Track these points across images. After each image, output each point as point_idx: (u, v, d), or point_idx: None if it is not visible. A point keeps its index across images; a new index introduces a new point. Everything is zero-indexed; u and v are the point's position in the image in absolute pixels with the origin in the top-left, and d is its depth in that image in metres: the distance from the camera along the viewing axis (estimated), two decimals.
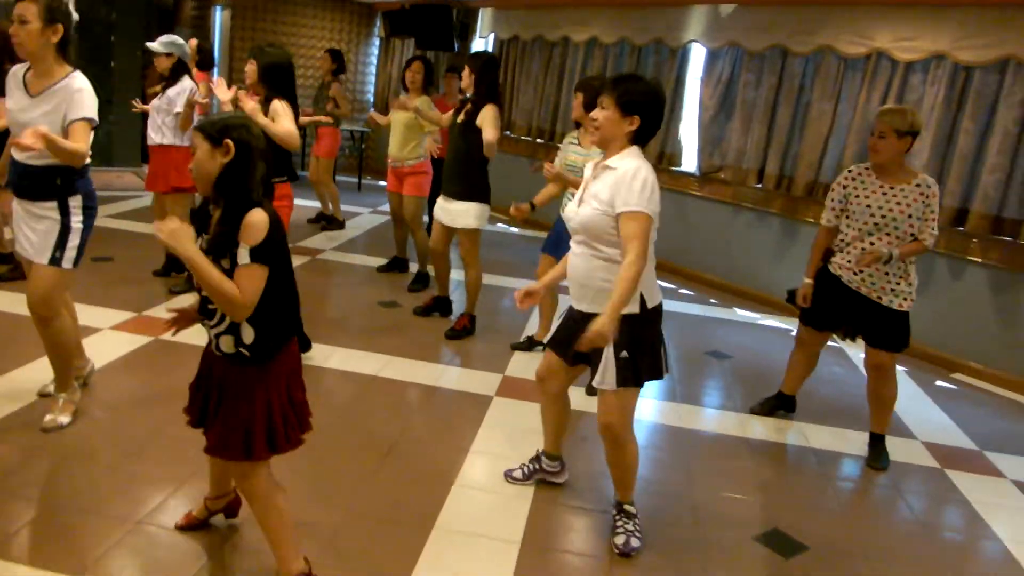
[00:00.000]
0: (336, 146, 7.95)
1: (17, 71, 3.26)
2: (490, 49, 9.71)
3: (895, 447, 4.11)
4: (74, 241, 3.30)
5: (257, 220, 2.13)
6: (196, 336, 4.59)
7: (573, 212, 2.85)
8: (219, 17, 11.06)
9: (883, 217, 3.70)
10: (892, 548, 3.23)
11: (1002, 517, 3.55)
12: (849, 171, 3.91)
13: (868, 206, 3.74)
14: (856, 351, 5.67)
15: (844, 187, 3.88)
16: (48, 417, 3.38)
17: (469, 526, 3.00)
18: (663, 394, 4.56)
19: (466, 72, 4.78)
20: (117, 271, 5.69)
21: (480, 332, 5.19)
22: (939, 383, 5.25)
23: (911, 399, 4.87)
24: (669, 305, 3.52)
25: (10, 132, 3.28)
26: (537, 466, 3.35)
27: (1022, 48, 5.06)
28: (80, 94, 3.17)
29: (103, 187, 8.31)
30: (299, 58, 10.95)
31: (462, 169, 4.89)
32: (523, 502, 3.21)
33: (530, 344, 5.01)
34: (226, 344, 2.26)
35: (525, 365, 4.70)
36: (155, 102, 5.28)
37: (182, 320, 2.46)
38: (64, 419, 3.40)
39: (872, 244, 3.75)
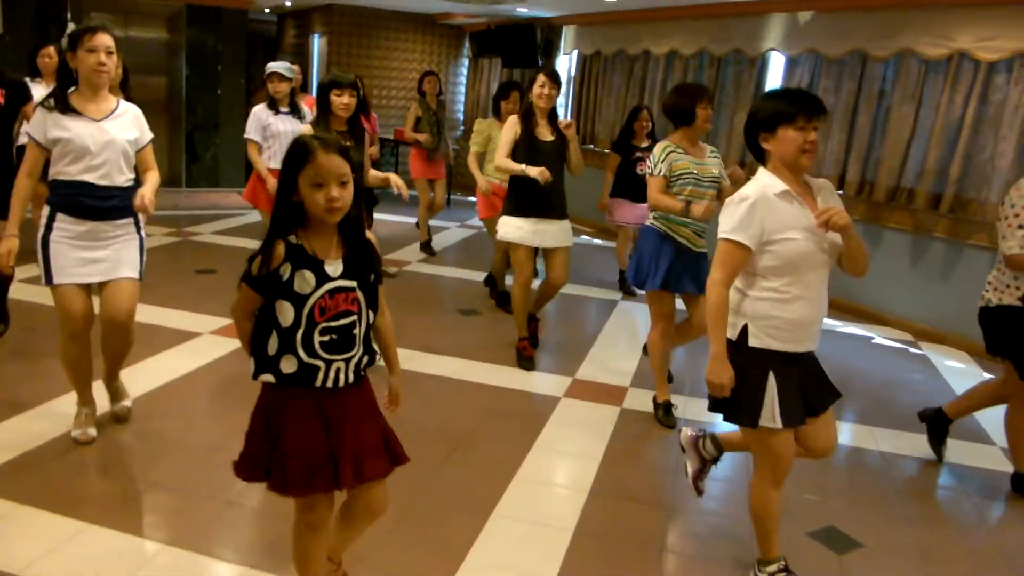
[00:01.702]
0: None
1: (50, 100, 3.25)
2: (573, 65, 9.92)
3: (970, 452, 4.05)
4: (144, 256, 3.49)
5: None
6: None
7: (821, 237, 2.56)
8: (317, 44, 11.68)
9: None
10: (951, 552, 3.21)
11: None
12: None
13: None
14: (939, 356, 5.57)
15: None
16: (118, 406, 3.71)
17: (525, 514, 3.17)
18: None
19: (551, 86, 4.62)
20: (219, 281, 6.12)
21: (553, 338, 5.35)
22: None
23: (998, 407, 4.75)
24: None
25: (68, 157, 3.25)
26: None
27: None
28: (143, 118, 3.46)
29: (211, 206, 8.99)
30: (392, 80, 11.44)
31: (562, 189, 4.78)
32: (580, 494, 3.35)
33: (667, 410, 4.26)
34: (357, 368, 2.20)
35: (594, 369, 4.85)
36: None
37: None
38: (129, 402, 3.75)
39: None
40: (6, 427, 3.52)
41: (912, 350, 5.69)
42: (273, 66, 5.46)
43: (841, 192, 6.65)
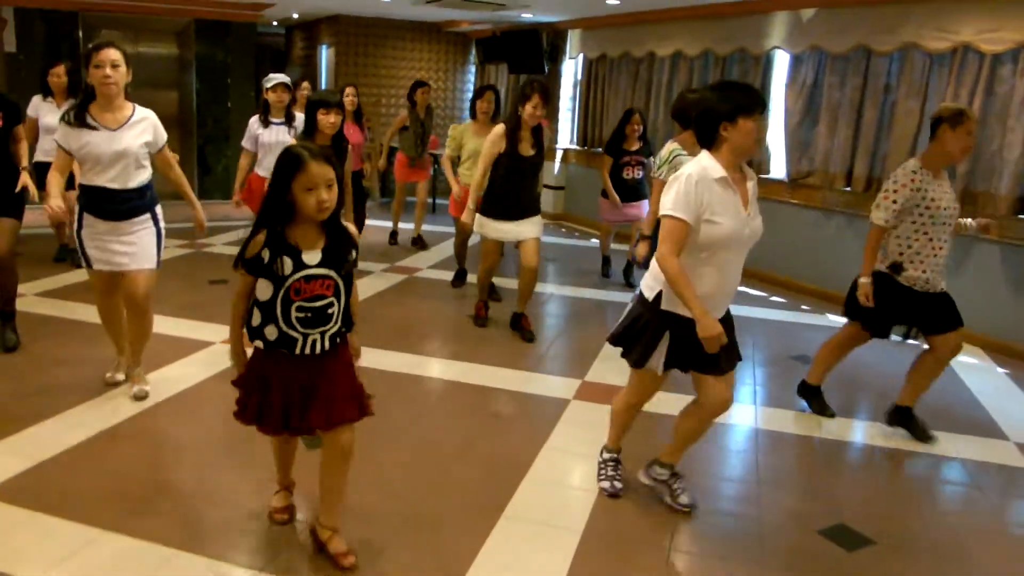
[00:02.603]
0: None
1: (68, 114, 3.70)
2: (579, 69, 9.95)
3: (983, 447, 4.04)
4: (162, 244, 3.95)
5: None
6: None
7: (744, 223, 2.87)
8: (324, 55, 11.77)
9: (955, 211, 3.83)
10: (963, 545, 3.20)
11: None
12: (915, 171, 3.81)
13: (946, 207, 3.81)
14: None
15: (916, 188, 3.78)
16: (136, 388, 4.04)
17: (535, 515, 3.19)
18: (742, 396, 4.61)
19: (539, 102, 4.90)
20: (232, 292, 6.17)
21: (562, 340, 5.37)
22: None
23: (1008, 400, 4.74)
24: (759, 312, 3.60)
25: (87, 164, 3.71)
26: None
27: None
28: (159, 123, 3.85)
29: (222, 218, 9.04)
30: (400, 88, 11.50)
31: (535, 193, 5.35)
32: (589, 495, 3.37)
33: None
34: (333, 339, 2.60)
35: (604, 371, 4.86)
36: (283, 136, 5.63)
37: None
38: (147, 386, 4.08)
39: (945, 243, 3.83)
40: (22, 437, 3.58)
41: (925, 346, 5.66)
42: (277, 77, 5.56)
43: (848, 188, 6.64)
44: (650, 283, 3.03)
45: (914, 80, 6.09)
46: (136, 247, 3.82)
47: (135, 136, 3.71)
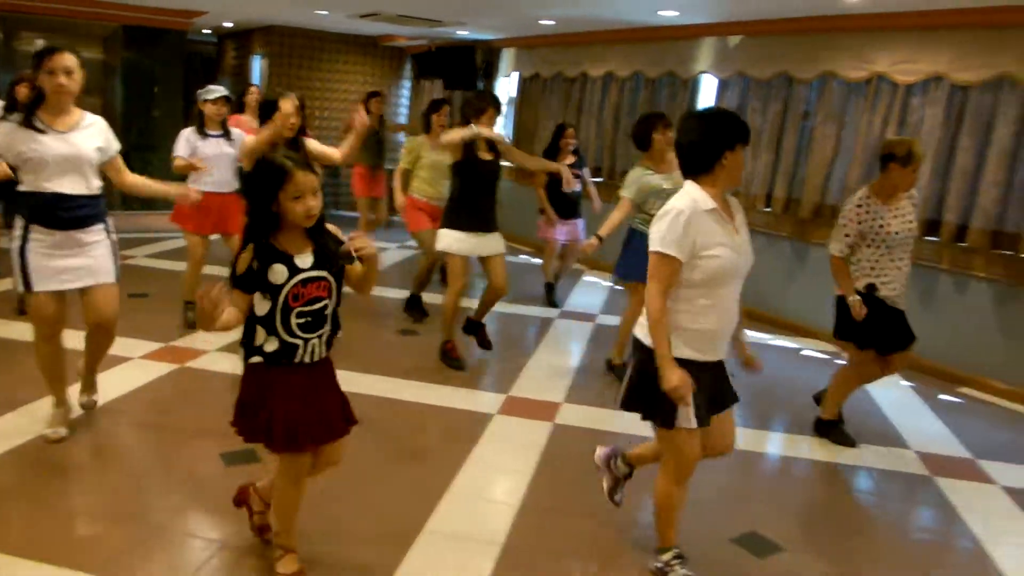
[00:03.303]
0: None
1: (16, 115, 3.46)
2: (513, 87, 10.05)
3: (886, 456, 4.21)
4: (118, 257, 3.70)
5: None
6: (214, 363, 4.89)
7: (739, 250, 2.73)
8: (258, 65, 11.63)
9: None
10: (866, 549, 3.34)
11: (983, 519, 3.63)
12: (860, 204, 4.08)
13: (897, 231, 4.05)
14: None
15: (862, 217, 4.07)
16: (86, 398, 3.98)
17: (457, 528, 3.20)
18: None
19: (493, 114, 4.95)
20: (151, 305, 6.05)
21: (489, 355, 5.40)
22: (942, 396, 5.30)
23: (911, 412, 4.95)
24: None
25: (34, 169, 3.40)
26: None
27: (1014, 67, 5.16)
28: (110, 130, 3.67)
29: (144, 229, 8.84)
30: (334, 101, 11.44)
31: (495, 205, 5.11)
32: (510, 509, 3.40)
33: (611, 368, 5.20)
34: (328, 342, 2.66)
35: (528, 386, 4.91)
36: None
37: None
38: (97, 396, 4.02)
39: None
40: None
41: (837, 360, 5.86)
42: (218, 89, 5.43)
43: (769, 208, 6.86)
44: (646, 327, 2.77)
45: (832, 107, 6.34)
46: (93, 260, 3.56)
47: (87, 139, 3.51)
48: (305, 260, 2.50)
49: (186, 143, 5.35)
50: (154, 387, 4.45)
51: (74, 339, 3.94)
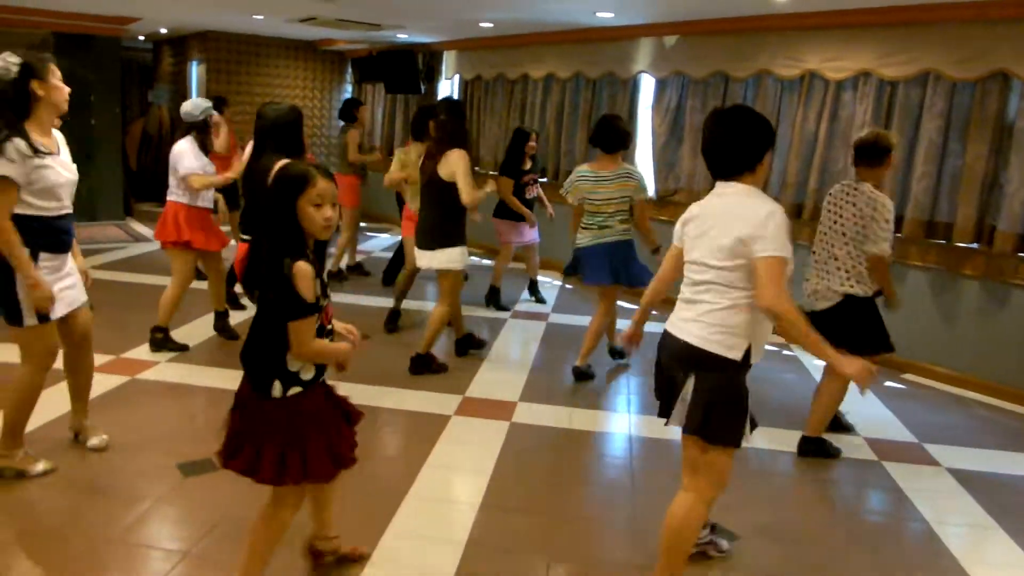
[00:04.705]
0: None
1: (20, 143, 3.09)
2: (455, 89, 10.07)
3: (836, 443, 4.35)
4: None
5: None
6: (170, 374, 4.83)
7: None
8: (195, 71, 11.44)
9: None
10: (819, 533, 3.47)
11: (930, 500, 3.78)
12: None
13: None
14: (808, 357, 5.93)
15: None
16: (97, 439, 3.79)
17: (419, 530, 3.23)
18: (617, 406, 4.80)
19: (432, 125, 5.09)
20: (97, 318, 5.89)
21: (443, 358, 5.42)
22: (888, 383, 5.49)
23: (857, 400, 5.10)
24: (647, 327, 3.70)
25: (42, 194, 3.20)
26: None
27: (939, 61, 5.38)
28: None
29: (87, 240, 8.64)
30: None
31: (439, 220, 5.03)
32: (470, 508, 3.43)
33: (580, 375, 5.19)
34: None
35: (483, 387, 4.95)
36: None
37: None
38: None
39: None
40: None
41: (784, 352, 6.04)
42: (206, 102, 5.31)
43: None
44: (726, 340, 2.60)
45: (768, 104, 6.52)
46: (75, 279, 3.49)
47: (70, 157, 3.39)
48: (325, 275, 2.51)
49: (194, 159, 5.16)
50: (106, 400, 4.37)
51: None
